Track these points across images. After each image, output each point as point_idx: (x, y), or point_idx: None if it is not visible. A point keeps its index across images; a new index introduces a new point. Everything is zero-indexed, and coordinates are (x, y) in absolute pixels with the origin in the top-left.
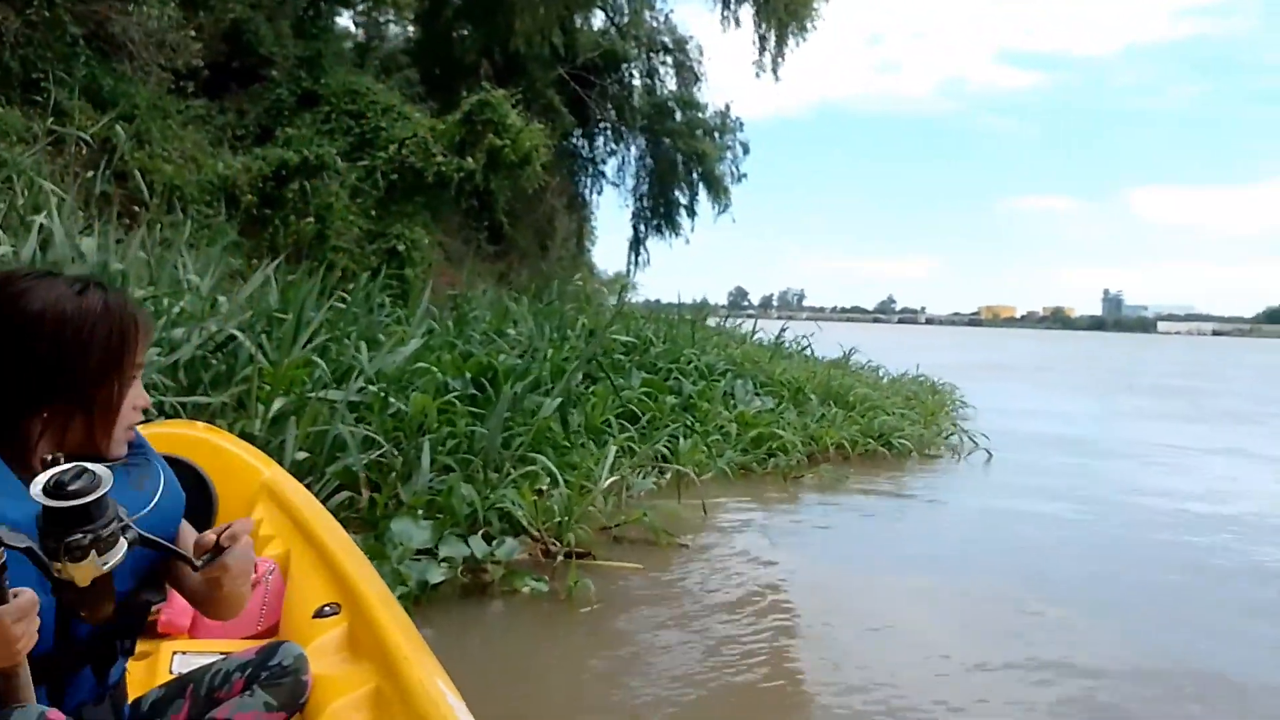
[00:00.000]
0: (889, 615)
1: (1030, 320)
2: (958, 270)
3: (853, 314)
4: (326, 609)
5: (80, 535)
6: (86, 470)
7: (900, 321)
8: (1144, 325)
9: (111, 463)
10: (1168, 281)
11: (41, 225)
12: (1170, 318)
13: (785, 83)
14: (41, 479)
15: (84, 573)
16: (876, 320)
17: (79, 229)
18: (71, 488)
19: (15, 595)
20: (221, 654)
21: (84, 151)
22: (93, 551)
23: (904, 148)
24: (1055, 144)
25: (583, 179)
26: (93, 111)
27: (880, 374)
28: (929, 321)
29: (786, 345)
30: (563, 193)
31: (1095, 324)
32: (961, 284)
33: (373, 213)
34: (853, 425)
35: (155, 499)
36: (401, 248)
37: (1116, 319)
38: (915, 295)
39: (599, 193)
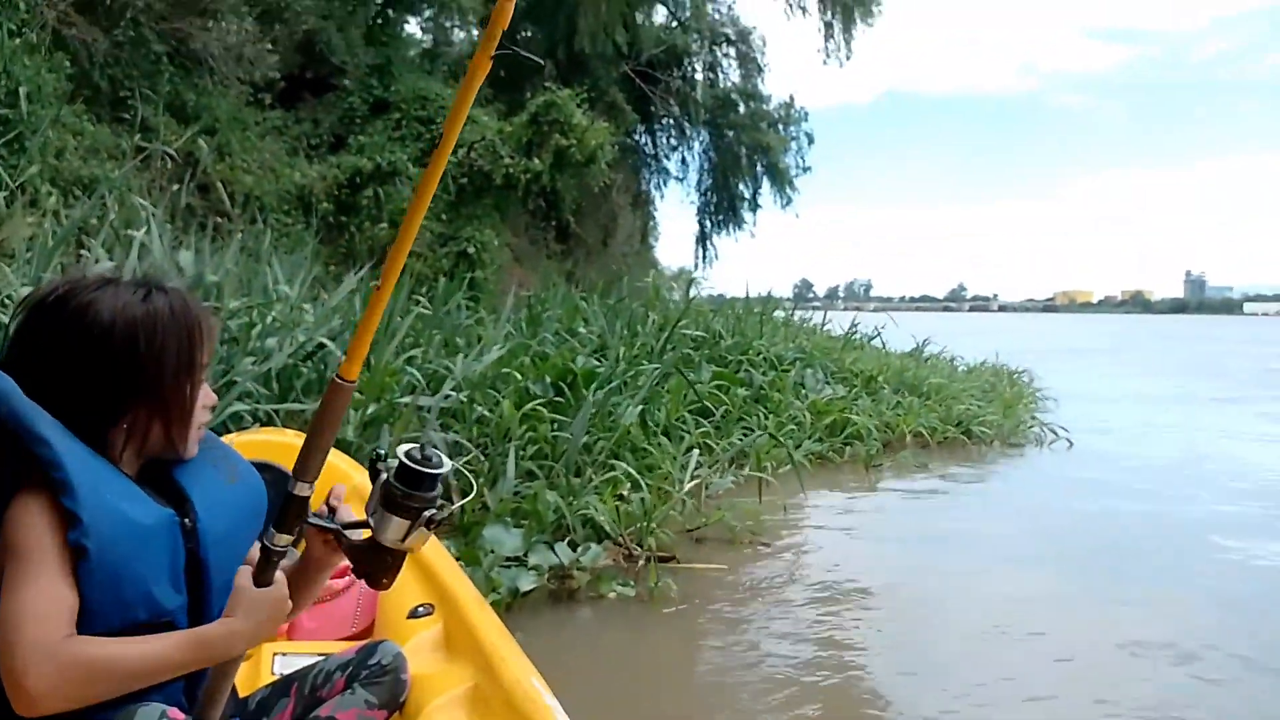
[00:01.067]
0: (977, 616)
1: (1108, 304)
2: (1031, 255)
3: (922, 303)
4: (420, 609)
5: (432, 497)
6: (436, 450)
7: (972, 309)
8: (1229, 307)
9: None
10: (1256, 262)
11: (142, 241)
12: (1258, 298)
13: (852, 70)
14: (404, 449)
15: (419, 541)
16: (947, 309)
17: (170, 242)
18: (432, 460)
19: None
20: (319, 654)
21: (169, 165)
22: (424, 526)
23: (975, 131)
24: (1135, 121)
25: (646, 175)
26: (176, 126)
27: (955, 364)
28: (1002, 309)
29: (857, 336)
30: (627, 189)
31: (1177, 306)
32: (1035, 269)
33: (443, 216)
34: (931, 413)
35: (247, 489)
36: (472, 250)
37: (1200, 301)
38: (987, 282)
39: (662, 189)
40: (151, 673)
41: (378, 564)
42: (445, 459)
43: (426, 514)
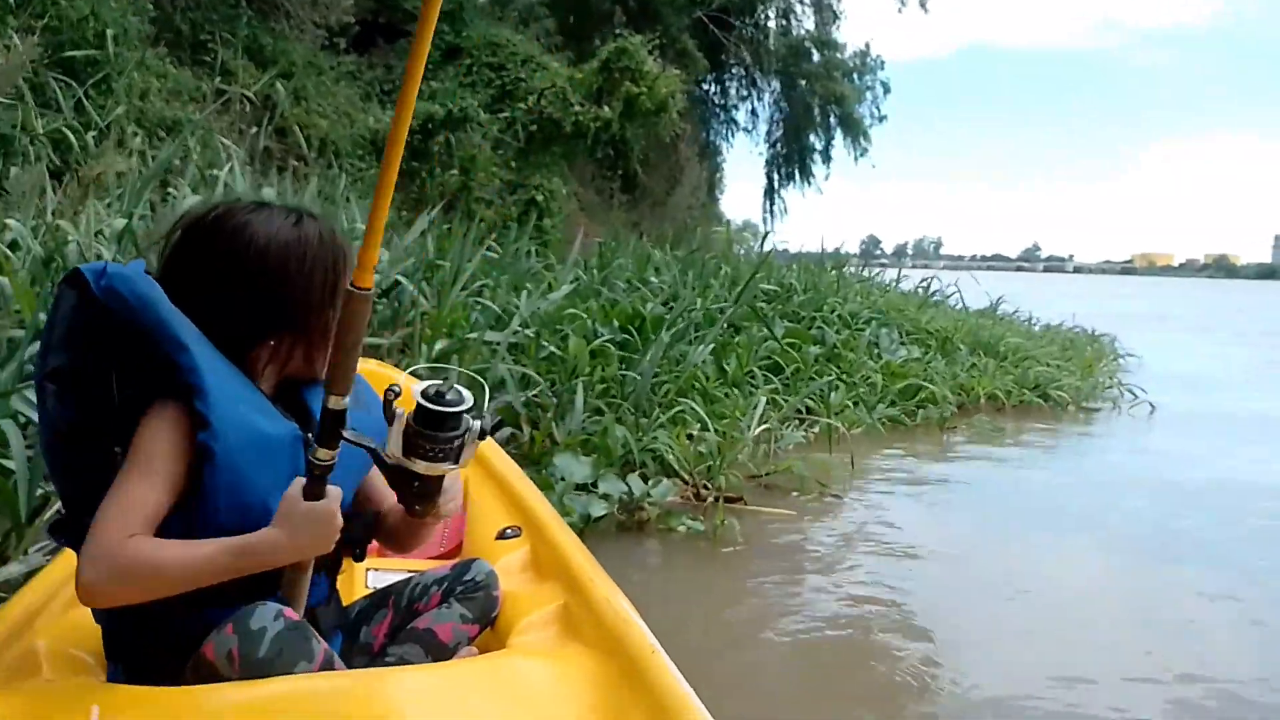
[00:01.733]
0: (1038, 584)
1: (1190, 268)
2: (1110, 215)
3: (994, 262)
4: (508, 531)
5: (451, 436)
6: (455, 387)
7: (1046, 270)
8: None
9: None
10: None
11: (225, 181)
12: None
13: (930, 21)
14: (420, 386)
15: (439, 470)
16: (1020, 269)
17: (251, 182)
18: (448, 398)
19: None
20: (409, 572)
21: (247, 109)
22: (448, 457)
23: (1055, 87)
24: (1222, 78)
25: (714, 126)
26: (254, 70)
27: (1032, 323)
28: (1077, 270)
29: (933, 295)
30: (694, 140)
31: (1265, 272)
32: (1113, 230)
33: (512, 164)
34: (1006, 376)
35: (374, 415)
36: (540, 198)
37: None
38: (1062, 242)
39: (729, 140)
40: (194, 576)
41: (409, 490)
42: (465, 393)
43: (455, 446)
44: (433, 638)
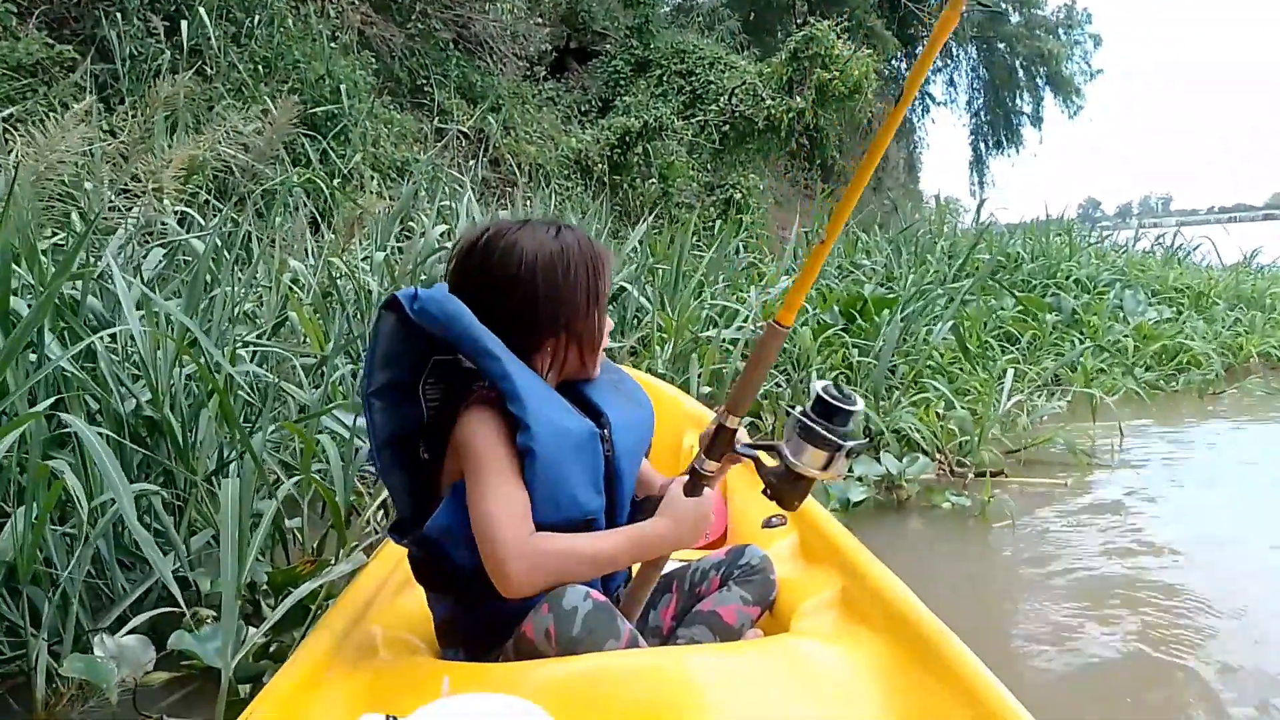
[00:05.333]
0: None
1: None
2: None
3: (1236, 213)
4: (774, 520)
5: (840, 431)
6: (851, 394)
7: None
8: None
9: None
10: None
11: (462, 214)
12: None
13: None
14: (820, 384)
15: (836, 470)
16: (1268, 218)
17: (481, 211)
18: (846, 394)
19: None
20: (681, 561)
21: (463, 143)
22: (828, 448)
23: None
24: None
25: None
26: (467, 107)
27: None
28: None
29: (1180, 249)
30: None
31: None
32: None
33: (708, 165)
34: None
35: (641, 408)
36: (738, 196)
37: None
38: None
39: (925, 116)
40: (602, 564)
41: (790, 489)
42: (859, 399)
43: (846, 445)
44: (718, 620)
